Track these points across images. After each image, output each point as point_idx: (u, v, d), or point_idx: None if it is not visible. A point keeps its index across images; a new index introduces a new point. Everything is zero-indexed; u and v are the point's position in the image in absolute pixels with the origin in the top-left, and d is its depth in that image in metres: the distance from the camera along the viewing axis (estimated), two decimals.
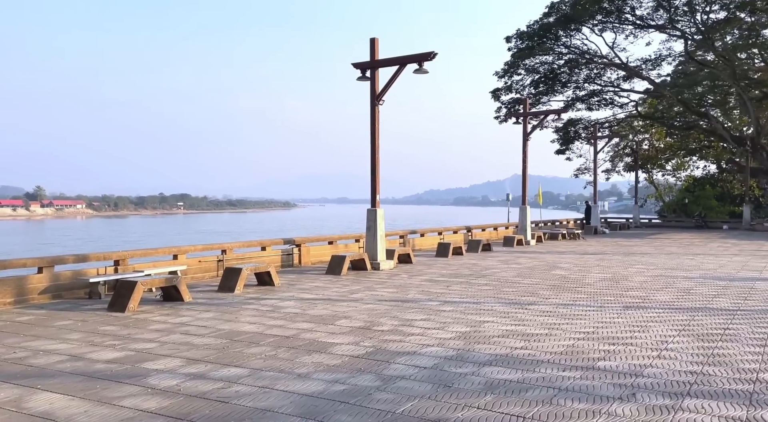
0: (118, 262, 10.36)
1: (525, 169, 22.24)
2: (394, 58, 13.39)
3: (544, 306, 8.80)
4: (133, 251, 10.70)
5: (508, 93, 39.86)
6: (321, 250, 15.52)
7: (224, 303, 8.96)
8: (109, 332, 6.92)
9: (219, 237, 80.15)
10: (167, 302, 9.07)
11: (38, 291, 9.03)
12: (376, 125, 13.85)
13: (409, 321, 7.56)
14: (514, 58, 38.27)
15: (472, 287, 10.80)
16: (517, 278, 12.13)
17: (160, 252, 11.28)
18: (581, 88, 41.96)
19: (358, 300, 9.35)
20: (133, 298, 8.30)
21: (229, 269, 10.47)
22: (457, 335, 6.78)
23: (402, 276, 12.41)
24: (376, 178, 14.08)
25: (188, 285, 10.87)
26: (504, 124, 41.53)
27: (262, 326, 7.27)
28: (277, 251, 14.08)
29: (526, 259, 16.22)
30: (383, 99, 13.83)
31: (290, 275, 12.61)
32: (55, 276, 9.30)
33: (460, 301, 9.20)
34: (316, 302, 9.11)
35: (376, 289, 10.52)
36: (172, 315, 8.04)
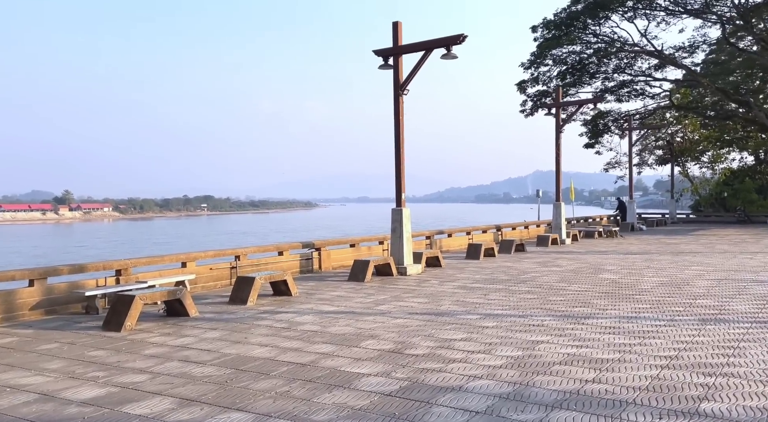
0: (120, 272, 9.40)
1: (558, 162, 20.82)
2: (419, 42, 12.20)
3: (603, 319, 7.53)
4: (137, 259, 9.74)
5: (535, 85, 38.26)
6: (342, 254, 14.43)
7: (234, 319, 7.90)
8: (96, 359, 5.90)
9: (244, 237, 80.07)
10: (171, 317, 8.06)
11: (29, 306, 8.11)
12: (400, 117, 12.68)
13: (447, 342, 6.39)
14: (541, 48, 36.69)
15: (513, 295, 9.56)
16: (562, 284, 10.85)
17: (167, 259, 10.30)
18: (610, 79, 40.15)
19: (385, 313, 8.20)
20: (131, 315, 7.30)
21: (241, 278, 9.43)
22: (509, 361, 5.58)
23: (432, 283, 11.23)
24: (401, 175, 12.91)
25: (198, 295, 9.87)
26: (530, 117, 39.98)
27: (274, 350, 6.17)
28: (295, 256, 13.02)
29: (566, 261, 14.88)
30: (407, 88, 12.65)
31: (309, 282, 11.53)
32: (49, 290, 8.36)
33: (503, 314, 7.98)
34: (337, 316, 7.99)
35: (405, 299, 9.36)
36: (173, 335, 7.00)
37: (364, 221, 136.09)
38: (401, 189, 12.95)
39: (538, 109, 39.07)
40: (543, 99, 38.43)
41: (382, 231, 36.16)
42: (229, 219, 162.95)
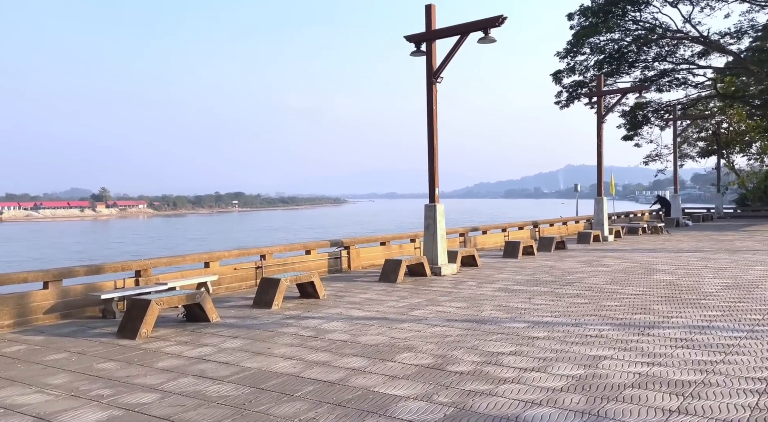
0: (139, 273, 8.91)
1: (600, 155, 19.67)
2: (454, 26, 11.37)
3: (670, 329, 6.63)
4: (157, 259, 9.24)
5: (571, 75, 36.75)
6: (372, 252, 13.74)
7: (257, 325, 7.28)
8: (105, 373, 5.34)
9: (277, 234, 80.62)
10: (190, 323, 7.50)
11: (43, 310, 7.66)
12: (433, 106, 11.88)
13: (494, 356, 5.61)
14: (577, 36, 35.20)
15: (561, 300, 8.70)
16: (613, 286, 9.91)
17: (189, 259, 9.79)
18: (651, 68, 38.32)
19: (420, 319, 7.47)
20: (146, 321, 6.75)
21: (265, 280, 8.82)
22: (570, 382, 4.77)
23: (469, 284, 10.43)
24: (434, 169, 12.13)
25: (221, 298, 9.33)
26: (565, 109, 38.53)
27: (300, 364, 5.51)
28: (323, 255, 12.39)
29: (613, 260, 13.86)
30: (441, 76, 11.85)
31: (338, 283, 10.88)
32: (64, 292, 7.91)
33: (553, 322, 7.15)
34: (369, 323, 7.29)
35: (441, 303, 8.60)
36: (190, 343, 6.42)
37: (393, 217, 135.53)
38: (435, 183, 12.16)
39: (574, 100, 37.60)
40: (579, 90, 36.95)
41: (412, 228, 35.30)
42: (259, 216, 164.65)
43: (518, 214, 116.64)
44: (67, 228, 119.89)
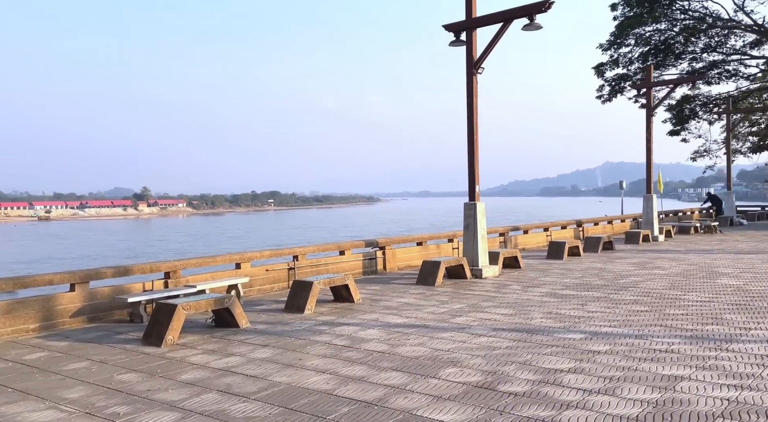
0: (168, 275, 8.59)
1: (650, 150, 18.55)
2: (496, 13, 10.68)
3: (752, 344, 5.84)
4: (187, 260, 8.90)
5: (614, 68, 35.23)
6: (408, 253, 13.17)
7: (289, 332, 6.82)
8: (125, 386, 4.95)
9: (313, 232, 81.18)
10: (219, 328, 7.10)
11: (70, 313, 7.39)
12: (474, 98, 11.22)
13: (551, 374, 4.97)
14: (621, 27, 33.72)
15: (617, 307, 7.94)
16: (674, 291, 9.07)
17: (219, 260, 9.42)
18: (699, 60, 36.42)
19: (464, 327, 6.86)
20: (173, 327, 6.37)
21: (298, 283, 8.37)
22: (646, 409, 4.10)
23: (513, 288, 9.75)
24: (474, 165, 11.47)
25: (252, 301, 8.93)
26: (607, 103, 37.04)
27: (334, 379, 4.99)
28: (357, 255, 11.90)
29: (667, 261, 12.90)
30: (482, 66, 11.17)
31: (373, 285, 10.36)
32: (91, 295, 7.63)
33: (613, 333, 6.44)
34: (407, 331, 6.73)
35: (485, 310, 7.96)
36: (218, 352, 5.99)
37: (426, 216, 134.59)
38: (475, 180, 11.50)
39: (617, 94, 36.11)
40: (622, 83, 35.44)
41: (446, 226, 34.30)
42: (294, 215, 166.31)
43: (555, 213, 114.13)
44: (111, 226, 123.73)
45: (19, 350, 6.20)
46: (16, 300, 6.93)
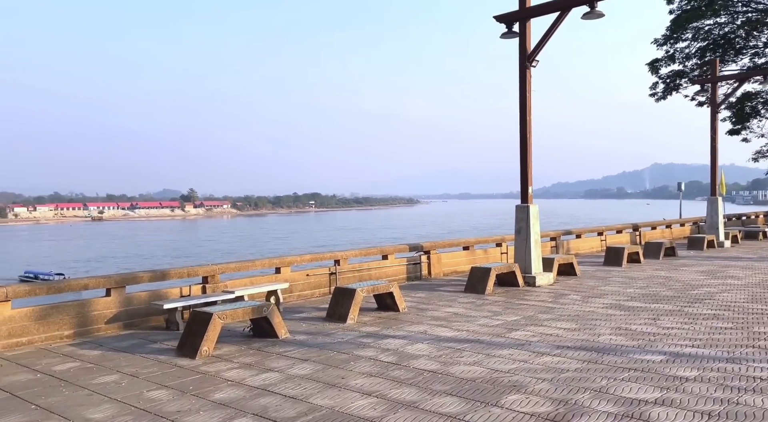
0: (206, 279, 8.24)
1: (715, 149, 17.23)
2: (553, 1, 9.91)
3: None
4: (225, 264, 8.55)
5: (669, 64, 33.43)
6: (454, 258, 12.51)
7: (330, 345, 6.31)
8: (153, 405, 4.53)
9: (355, 234, 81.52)
10: (257, 338, 6.67)
11: (105, 319, 7.12)
12: (527, 93, 10.48)
13: (635, 406, 4.26)
14: (677, 22, 31.97)
15: (695, 322, 7.08)
16: (758, 305, 8.09)
17: (259, 264, 9.04)
18: (762, 55, 34.17)
19: (523, 344, 6.18)
20: (208, 338, 5.96)
21: (340, 290, 7.87)
22: None
23: (572, 298, 8.96)
24: (527, 164, 10.71)
25: (292, 307, 8.50)
26: (661, 101, 35.22)
27: (381, 403, 4.44)
28: (401, 260, 11.33)
29: (740, 270, 11.76)
30: (537, 59, 10.42)
31: (418, 293, 9.77)
32: (127, 300, 7.35)
33: (699, 354, 5.63)
34: (460, 347, 6.10)
35: (544, 323, 7.25)
36: (254, 366, 5.54)
37: (468, 217, 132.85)
38: (528, 180, 10.75)
39: (672, 91, 34.29)
40: (677, 80, 33.61)
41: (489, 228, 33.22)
42: (335, 216, 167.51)
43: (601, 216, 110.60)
44: (160, 226, 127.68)
45: (50, 359, 5.92)
46: (51, 306, 6.70)
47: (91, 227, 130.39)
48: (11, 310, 6.36)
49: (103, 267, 49.11)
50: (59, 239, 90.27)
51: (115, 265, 51.45)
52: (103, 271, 46.36)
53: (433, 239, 17.61)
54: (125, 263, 52.94)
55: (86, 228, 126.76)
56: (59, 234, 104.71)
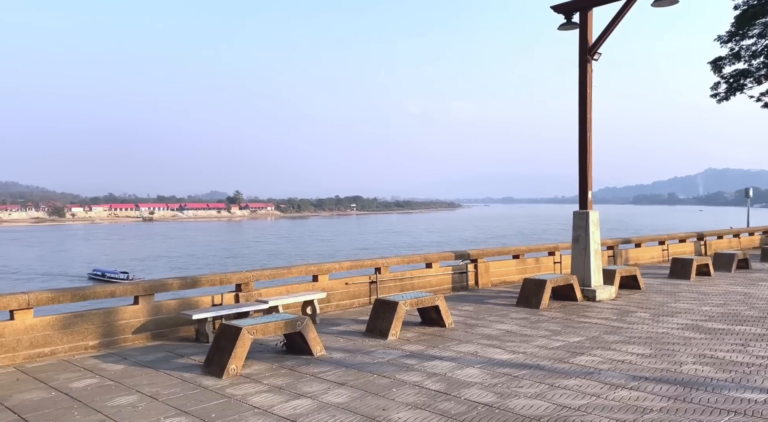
0: (240, 287, 7.76)
1: None
2: None
3: None
4: (260, 271, 8.04)
5: (734, 62, 31.28)
6: (504, 267, 11.67)
7: (370, 366, 5.66)
8: None
9: (398, 237, 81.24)
10: (290, 355, 6.09)
11: (132, 329, 6.71)
12: (588, 89, 9.57)
13: None
14: (742, 18, 29.86)
15: None
16: None
17: (295, 272, 8.49)
18: None
19: (591, 372, 5.36)
20: (236, 355, 5.42)
21: (381, 302, 7.21)
22: None
23: (640, 316, 8.01)
24: (587, 166, 9.79)
25: (329, 319, 7.91)
26: (723, 103, 33.03)
27: None
28: (446, 269, 10.59)
29: None
30: (599, 52, 9.51)
31: (465, 305, 9.01)
32: (156, 309, 6.92)
33: None
34: (518, 374, 5.33)
35: (612, 345, 6.37)
36: (286, 390, 4.95)
37: (511, 222, 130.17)
38: (588, 184, 9.83)
39: (735, 92, 32.11)
40: (741, 79, 31.42)
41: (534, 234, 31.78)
42: (376, 219, 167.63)
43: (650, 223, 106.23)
44: (208, 227, 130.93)
45: (70, 373, 5.51)
46: (75, 314, 6.33)
47: (143, 227, 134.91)
48: (33, 319, 6.01)
49: (158, 266, 50.26)
50: (114, 238, 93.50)
51: (169, 264, 52.70)
52: (159, 270, 47.48)
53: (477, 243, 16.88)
54: (178, 263, 54.15)
55: (138, 228, 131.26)
56: (114, 233, 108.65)
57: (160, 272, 45.83)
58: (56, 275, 46.95)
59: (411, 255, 10.62)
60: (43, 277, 45.35)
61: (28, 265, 53.52)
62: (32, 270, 50.10)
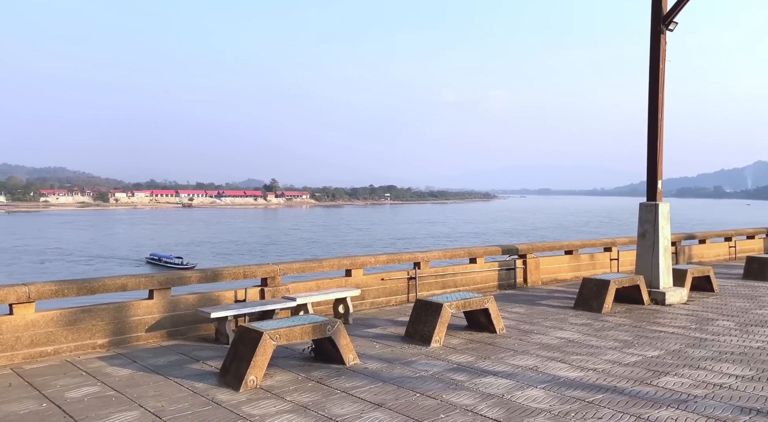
0: (265, 281, 7.01)
1: None
2: None
3: None
4: (288, 264, 7.27)
5: None
6: (555, 264, 10.62)
7: (411, 380, 4.80)
8: None
9: (434, 227, 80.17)
10: (318, 363, 5.29)
11: (146, 326, 6.04)
12: (660, 64, 8.37)
13: None
14: None
15: None
16: None
17: (326, 265, 7.69)
18: None
19: (684, 400, 4.35)
20: (255, 364, 4.65)
21: (422, 304, 6.34)
22: None
23: (723, 326, 6.88)
24: (657, 153, 8.63)
25: (364, 318, 7.10)
26: None
27: None
28: (491, 264, 9.62)
29: None
30: (675, 21, 8.29)
31: (515, 306, 8.04)
32: (173, 304, 6.23)
33: None
34: (593, 398, 4.38)
35: (700, 363, 5.32)
36: (311, 410, 4.14)
37: (550, 214, 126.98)
38: (657, 173, 8.67)
39: None
40: None
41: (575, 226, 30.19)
42: (410, 209, 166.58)
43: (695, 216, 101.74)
44: (245, 214, 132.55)
45: (70, 379, 4.85)
46: (82, 309, 5.68)
47: (183, 213, 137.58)
48: (35, 314, 5.39)
49: (202, 252, 50.58)
50: (160, 224, 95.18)
51: (212, 250, 53.15)
52: (202, 255, 47.85)
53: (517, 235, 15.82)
54: (221, 248, 54.57)
55: (178, 214, 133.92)
56: (156, 219, 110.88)
57: (204, 258, 46.12)
58: (107, 258, 47.94)
59: (453, 248, 9.67)
60: (97, 260, 46.45)
61: (82, 248, 54.96)
62: (85, 252, 51.38)
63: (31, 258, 47.15)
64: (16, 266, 42.69)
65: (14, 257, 48.03)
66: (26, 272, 38.65)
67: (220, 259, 46.57)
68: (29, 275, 35.96)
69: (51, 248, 54.48)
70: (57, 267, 41.77)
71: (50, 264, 43.64)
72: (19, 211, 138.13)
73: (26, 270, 39.73)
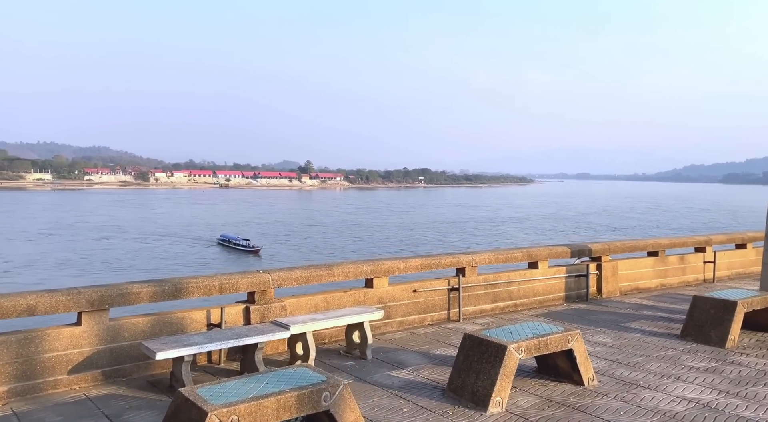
0: (252, 297, 5.05)
1: None
2: None
3: None
4: (286, 272, 5.28)
5: None
6: (636, 268, 8.34)
7: None
8: None
9: (475, 211, 77.02)
10: None
11: (71, 366, 4.14)
12: None
13: None
14: None
15: None
16: None
17: (338, 273, 5.61)
18: None
19: None
20: None
21: (474, 343, 4.24)
22: None
23: None
24: None
25: (390, 348, 5.09)
26: None
27: None
28: (557, 269, 7.44)
29: None
30: None
31: (598, 335, 5.87)
32: (111, 332, 4.30)
33: None
34: None
35: None
36: None
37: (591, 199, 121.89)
38: None
39: None
40: None
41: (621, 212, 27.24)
42: (444, 193, 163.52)
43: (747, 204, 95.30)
44: (281, 195, 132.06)
45: None
46: None
47: (220, 193, 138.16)
48: None
49: (250, 232, 49.14)
50: (205, 204, 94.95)
51: (260, 230, 51.90)
52: (251, 234, 46.40)
53: (561, 221, 13.26)
54: (269, 228, 53.34)
55: (216, 194, 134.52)
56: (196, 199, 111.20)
57: (255, 237, 44.31)
58: (163, 235, 47.28)
59: (508, 249, 7.47)
60: (152, 237, 45.90)
61: (136, 225, 54.96)
62: (140, 230, 51.17)
63: (101, 235, 46.71)
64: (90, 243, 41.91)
65: (100, 234, 47.39)
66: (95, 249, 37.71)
67: (281, 243, 44.27)
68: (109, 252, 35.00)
69: (108, 225, 54.49)
70: (145, 251, 39.27)
71: (143, 245, 41.54)
72: (65, 188, 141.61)
73: (92, 247, 38.84)
